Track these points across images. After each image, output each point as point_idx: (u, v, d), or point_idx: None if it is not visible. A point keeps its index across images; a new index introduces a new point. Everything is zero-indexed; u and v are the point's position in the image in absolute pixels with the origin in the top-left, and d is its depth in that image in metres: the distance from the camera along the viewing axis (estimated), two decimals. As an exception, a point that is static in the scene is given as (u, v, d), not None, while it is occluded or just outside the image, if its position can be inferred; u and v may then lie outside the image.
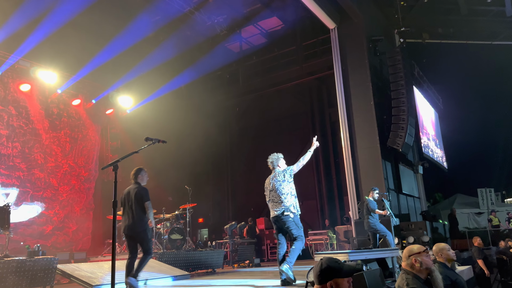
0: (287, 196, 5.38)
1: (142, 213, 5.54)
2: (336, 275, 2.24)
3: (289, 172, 5.62)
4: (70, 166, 12.67)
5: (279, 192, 5.42)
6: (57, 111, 12.55)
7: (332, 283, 2.23)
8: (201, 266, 9.58)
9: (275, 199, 5.45)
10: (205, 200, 16.52)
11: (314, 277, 2.35)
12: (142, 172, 5.87)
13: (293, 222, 5.29)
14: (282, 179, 5.53)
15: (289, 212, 5.30)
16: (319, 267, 2.30)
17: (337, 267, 2.27)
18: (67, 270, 6.89)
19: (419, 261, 3.32)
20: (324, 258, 2.35)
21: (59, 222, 11.95)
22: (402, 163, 13.64)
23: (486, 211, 17.16)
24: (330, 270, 2.25)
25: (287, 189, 5.44)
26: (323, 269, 2.27)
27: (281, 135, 17.34)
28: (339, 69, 12.24)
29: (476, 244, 10.47)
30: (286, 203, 5.33)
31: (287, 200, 5.35)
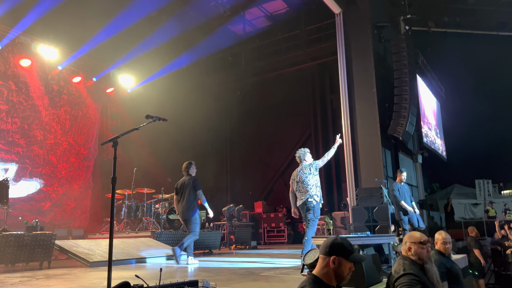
0: (312, 186, 6.13)
1: (193, 201, 6.73)
2: (344, 255, 2.25)
3: (315, 166, 6.36)
4: (70, 143, 12.64)
5: (306, 184, 6.15)
6: (57, 88, 12.46)
7: (336, 259, 2.23)
8: (198, 247, 9.65)
9: (302, 189, 6.20)
10: (204, 182, 16.53)
11: (324, 246, 2.33)
12: (192, 166, 7.07)
13: (313, 208, 6.03)
14: (309, 172, 6.26)
15: (313, 199, 6.05)
16: (334, 240, 2.31)
17: (349, 248, 2.28)
18: (65, 246, 6.94)
19: (413, 249, 3.32)
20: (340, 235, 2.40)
21: (57, 199, 11.99)
22: (401, 151, 13.64)
23: (482, 202, 17.24)
24: (342, 247, 2.26)
25: (313, 181, 6.19)
26: (336, 243, 2.28)
27: (281, 120, 17.28)
28: (343, 55, 12.11)
29: (473, 234, 10.54)
30: (311, 192, 6.08)
31: (312, 190, 6.10)
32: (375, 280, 3.80)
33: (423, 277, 3.25)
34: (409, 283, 3.13)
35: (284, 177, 16.98)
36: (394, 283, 3.24)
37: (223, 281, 4.20)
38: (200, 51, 15.27)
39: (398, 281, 3.21)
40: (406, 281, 3.16)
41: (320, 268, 2.29)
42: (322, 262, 2.28)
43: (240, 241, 12.27)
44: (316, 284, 2.23)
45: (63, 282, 4.68)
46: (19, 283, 4.64)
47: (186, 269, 5.72)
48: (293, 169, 6.31)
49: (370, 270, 3.70)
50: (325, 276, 2.25)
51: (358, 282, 3.55)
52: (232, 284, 3.82)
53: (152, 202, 10.41)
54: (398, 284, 3.19)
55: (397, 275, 3.25)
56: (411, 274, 3.19)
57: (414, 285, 3.12)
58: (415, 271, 3.23)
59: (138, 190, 10.49)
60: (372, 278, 3.72)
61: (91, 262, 6.39)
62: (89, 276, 5.27)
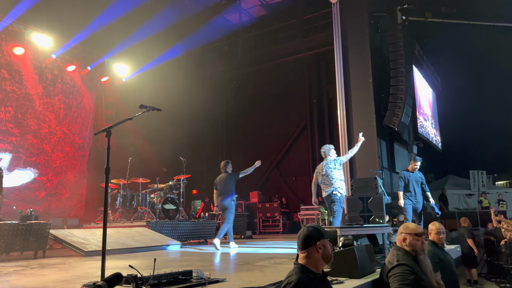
0: (336, 180, 6.71)
1: (230, 194, 7.86)
2: (323, 237, 2.45)
3: (339, 161, 6.94)
4: (64, 133, 12.56)
5: (330, 177, 6.72)
6: (51, 76, 12.33)
7: (320, 244, 2.42)
8: (193, 236, 9.69)
9: (327, 182, 6.79)
10: (199, 172, 16.55)
11: (301, 241, 2.47)
12: (229, 164, 8.39)
13: (338, 200, 6.63)
14: (333, 166, 6.82)
15: (337, 192, 6.64)
16: (306, 231, 2.48)
17: (322, 229, 2.49)
18: (60, 236, 6.93)
19: (408, 240, 3.35)
20: (306, 225, 2.55)
21: (52, 188, 11.94)
22: (397, 142, 13.69)
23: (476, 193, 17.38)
24: (318, 232, 2.46)
25: (337, 175, 6.76)
26: (311, 231, 2.46)
27: (277, 110, 17.25)
28: (339, 45, 12.05)
29: (465, 224, 10.63)
30: (336, 185, 6.66)
31: (336, 183, 6.68)
32: (369, 270, 3.82)
33: (417, 268, 3.27)
34: (402, 273, 3.16)
35: (279, 167, 17.01)
36: (388, 273, 3.27)
37: (217, 270, 4.21)
38: (196, 40, 15.16)
39: (391, 271, 3.24)
40: (399, 271, 3.18)
41: (306, 259, 2.43)
42: (308, 254, 2.43)
43: (235, 230, 12.27)
44: (303, 273, 2.36)
45: (57, 271, 4.68)
46: (14, 272, 4.63)
47: (182, 259, 5.73)
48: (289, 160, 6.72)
49: (363, 260, 3.72)
50: (311, 264, 2.41)
51: (351, 272, 3.57)
52: (226, 274, 3.83)
53: (147, 191, 10.40)
54: (391, 275, 3.22)
55: (390, 266, 3.27)
56: (404, 265, 3.22)
57: (407, 275, 3.15)
58: (408, 261, 3.26)
59: (133, 180, 10.47)
60: (366, 268, 3.74)
61: (86, 252, 6.39)
62: (84, 265, 5.27)
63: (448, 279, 3.99)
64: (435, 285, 3.43)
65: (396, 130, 12.06)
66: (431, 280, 3.36)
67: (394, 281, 3.16)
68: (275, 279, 3.23)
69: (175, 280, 3.23)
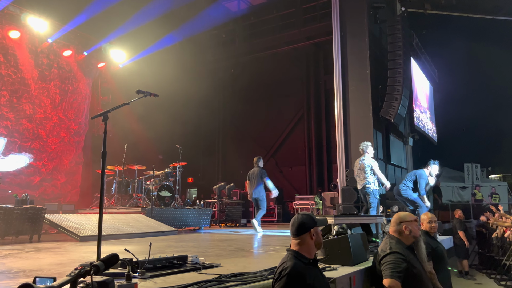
0: (369, 175, 7.38)
1: (260, 186, 8.85)
2: (316, 224, 2.53)
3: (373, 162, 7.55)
4: (60, 118, 12.50)
5: (365, 172, 7.40)
6: (47, 61, 12.22)
7: (313, 231, 2.50)
8: (188, 224, 9.74)
9: (361, 176, 7.49)
10: (195, 160, 16.57)
11: (295, 228, 2.53)
12: (260, 160, 9.22)
13: (371, 193, 7.31)
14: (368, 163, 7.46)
15: (370, 185, 7.33)
16: (300, 218, 2.54)
17: (314, 217, 2.56)
18: (55, 220, 6.94)
19: (409, 228, 3.42)
20: (300, 213, 2.61)
21: (47, 173, 11.92)
22: (393, 133, 13.73)
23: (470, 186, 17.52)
24: (311, 219, 2.53)
25: (369, 172, 7.41)
26: (306, 218, 2.52)
27: (274, 99, 17.22)
28: (338, 35, 12.00)
29: (457, 216, 10.74)
30: (368, 179, 7.36)
31: (369, 178, 7.37)
32: (362, 258, 3.87)
33: (409, 256, 3.32)
34: (394, 261, 3.21)
35: (275, 157, 17.05)
36: (380, 261, 3.32)
37: (212, 256, 4.24)
38: (193, 27, 15.04)
39: (384, 259, 3.28)
40: (392, 259, 3.23)
41: (299, 246, 2.49)
42: (301, 240, 2.50)
43: (230, 219, 12.38)
44: (297, 259, 2.41)
45: (53, 255, 4.70)
46: (9, 255, 4.65)
47: (177, 245, 5.77)
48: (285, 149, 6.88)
49: (357, 249, 3.77)
50: (305, 250, 2.47)
51: (344, 259, 3.62)
52: (221, 260, 3.86)
53: (143, 178, 10.40)
54: (384, 262, 3.27)
55: (383, 254, 3.32)
56: (397, 253, 3.27)
57: (399, 263, 3.20)
58: (401, 250, 3.31)
59: (129, 167, 10.46)
60: (359, 256, 3.79)
61: (81, 237, 6.41)
62: (79, 249, 5.30)
63: (439, 268, 4.05)
64: (427, 273, 3.50)
65: (392, 121, 12.09)
66: (424, 267, 3.42)
67: (386, 268, 3.21)
68: (269, 265, 3.27)
69: (170, 264, 3.26)
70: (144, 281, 2.74)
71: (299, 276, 2.30)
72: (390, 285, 3.10)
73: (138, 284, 2.42)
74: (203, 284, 2.54)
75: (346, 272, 3.32)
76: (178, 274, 3.04)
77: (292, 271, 2.31)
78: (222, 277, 2.78)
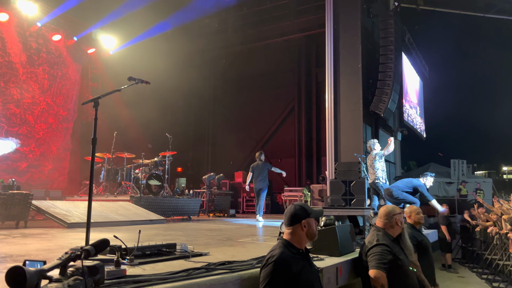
0: (378, 170, 7.90)
1: (265, 178, 9.77)
2: (309, 216, 2.53)
3: (380, 154, 8.03)
4: (48, 104, 12.34)
5: (374, 168, 7.89)
6: (36, 45, 12.03)
7: (305, 222, 2.51)
8: (177, 213, 9.73)
9: (371, 171, 7.96)
10: (185, 149, 16.52)
11: (287, 218, 2.55)
12: (262, 154, 10.13)
13: (381, 187, 7.79)
14: (376, 159, 7.96)
15: (379, 180, 7.84)
16: (293, 209, 2.56)
17: (308, 208, 2.57)
18: (42, 207, 6.89)
19: (400, 220, 3.50)
20: (294, 203, 2.62)
21: (34, 159, 11.79)
22: (382, 128, 13.83)
23: (456, 181, 17.78)
24: (303, 211, 2.54)
25: (378, 165, 7.94)
26: (299, 209, 2.54)
27: (265, 91, 17.21)
28: (331, 28, 11.98)
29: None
30: (378, 175, 7.86)
31: (379, 173, 7.87)
32: (349, 249, 3.92)
33: (395, 248, 3.39)
34: (381, 253, 3.27)
35: (265, 148, 17.08)
36: (367, 252, 3.37)
37: (201, 245, 4.26)
38: (186, 15, 14.87)
39: (371, 251, 3.34)
40: (378, 251, 3.29)
41: (290, 235, 2.51)
42: (293, 231, 2.52)
43: (219, 209, 12.41)
44: (287, 248, 2.44)
45: (40, 241, 4.68)
46: (-5, 240, 4.62)
47: (166, 234, 5.78)
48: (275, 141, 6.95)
49: (344, 240, 3.82)
50: (295, 240, 2.50)
51: (332, 250, 3.66)
52: (210, 248, 3.88)
53: (132, 167, 10.35)
54: (370, 254, 3.32)
55: (370, 245, 3.38)
56: (383, 245, 3.32)
57: (385, 255, 3.26)
58: (387, 242, 3.37)
59: (118, 154, 10.40)
60: (346, 247, 3.84)
61: (69, 223, 6.38)
62: (67, 236, 5.27)
63: (424, 261, 4.13)
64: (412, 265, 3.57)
65: (382, 116, 12.18)
66: (409, 258, 3.49)
67: (372, 259, 3.26)
68: (257, 254, 3.30)
69: (159, 252, 3.26)
70: (133, 268, 2.74)
71: (285, 265, 2.33)
72: (376, 276, 3.16)
73: (127, 270, 2.42)
74: (192, 272, 2.56)
75: (333, 263, 3.37)
76: (167, 262, 3.06)
77: (278, 259, 2.34)
78: (211, 265, 2.80)
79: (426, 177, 7.73)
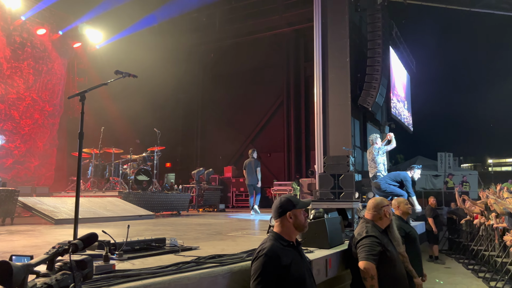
0: (379, 164, 8.16)
1: (256, 174, 10.23)
2: (295, 207, 2.52)
3: (383, 149, 8.37)
4: (34, 99, 12.15)
5: (375, 162, 8.14)
6: (20, 39, 11.81)
7: (291, 213, 2.51)
8: (166, 208, 9.70)
9: (372, 165, 8.25)
10: (174, 144, 16.44)
11: (274, 211, 2.57)
12: (255, 151, 10.58)
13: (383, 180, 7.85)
14: (378, 153, 8.21)
15: (380, 173, 8.03)
16: (279, 201, 2.57)
17: (294, 200, 2.56)
18: (29, 203, 6.80)
19: (388, 212, 3.53)
20: (282, 195, 2.64)
21: (20, 156, 11.62)
22: (370, 122, 13.92)
23: (443, 174, 18.02)
24: (289, 203, 2.54)
25: (380, 160, 8.21)
26: (284, 201, 2.55)
27: (254, 85, 17.17)
28: (319, 22, 11.97)
29: (430, 203, 11.07)
30: (379, 168, 8.10)
31: (380, 167, 8.13)
32: (338, 241, 3.95)
33: (384, 240, 3.42)
34: (370, 244, 3.30)
35: (254, 143, 17.08)
36: (357, 244, 3.40)
37: (190, 239, 4.26)
38: (173, 9, 14.73)
39: (360, 243, 3.37)
40: (368, 242, 3.32)
41: (280, 228, 2.53)
42: (281, 223, 2.53)
43: (208, 203, 12.39)
44: (277, 241, 2.45)
45: (27, 237, 4.62)
46: (-19, 238, 4.55)
47: (155, 229, 5.76)
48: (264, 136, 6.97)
49: (333, 232, 3.84)
50: (285, 232, 2.50)
51: (321, 243, 3.69)
52: (200, 242, 3.88)
53: (120, 162, 10.27)
54: (360, 245, 3.35)
55: (359, 237, 3.41)
56: (373, 237, 3.36)
57: (375, 246, 3.29)
58: (376, 233, 3.40)
59: (106, 150, 10.30)
60: (335, 240, 3.87)
61: (56, 220, 6.31)
62: (54, 232, 5.21)
63: (412, 252, 4.18)
64: (400, 256, 3.61)
65: (370, 110, 12.25)
66: (398, 250, 3.54)
67: (362, 251, 3.29)
68: (247, 248, 3.30)
69: (148, 246, 3.25)
70: (122, 263, 2.73)
71: (275, 257, 2.34)
72: (365, 267, 3.19)
73: (116, 265, 2.41)
74: (181, 266, 2.55)
75: (323, 255, 3.39)
76: (156, 256, 3.04)
77: (268, 251, 2.35)
78: (200, 259, 2.79)
79: (413, 170, 7.79)
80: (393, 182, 7.77)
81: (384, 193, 7.74)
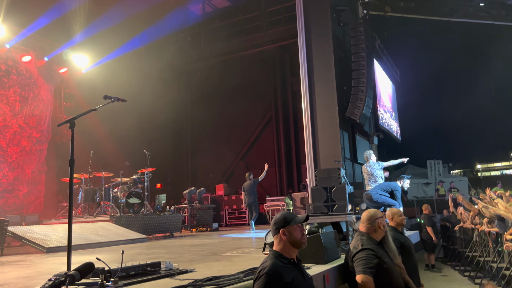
0: (379, 178, 8.50)
1: (254, 195, 11.20)
2: (288, 224, 2.51)
3: (381, 165, 8.69)
4: (21, 126, 12.03)
5: (376, 176, 8.50)
6: (5, 67, 11.75)
7: (285, 230, 2.50)
8: (159, 230, 9.59)
9: (372, 179, 8.54)
10: (164, 165, 16.34)
11: (271, 227, 2.58)
12: (251, 174, 11.58)
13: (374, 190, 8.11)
14: (377, 167, 8.59)
15: None
16: (274, 218, 2.58)
17: (289, 216, 2.55)
18: (19, 232, 6.68)
19: (383, 224, 3.54)
20: (280, 212, 2.69)
21: (8, 184, 11.44)
22: (358, 133, 14.03)
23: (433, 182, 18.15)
24: (283, 219, 2.53)
25: (379, 174, 8.56)
26: (278, 219, 2.55)
27: (242, 102, 17.25)
28: (303, 38, 12.16)
29: (427, 212, 11.07)
30: (379, 182, 8.33)
31: (380, 181, 8.41)
32: (334, 255, 3.95)
33: (380, 252, 3.42)
34: (366, 257, 3.30)
35: (245, 160, 17.07)
36: (353, 257, 3.40)
37: (185, 261, 4.21)
38: (158, 30, 14.84)
39: (356, 256, 3.37)
40: (364, 255, 3.32)
41: (278, 245, 2.53)
42: (277, 240, 2.54)
43: (201, 223, 12.28)
44: (278, 259, 2.44)
45: (18, 268, 4.52)
46: (-30, 271, 4.43)
47: (149, 252, 5.68)
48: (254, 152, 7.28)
49: (329, 247, 3.84)
50: (283, 250, 2.49)
51: (318, 258, 3.68)
52: (195, 264, 3.84)
53: (111, 186, 10.16)
54: (356, 259, 3.35)
55: (355, 250, 3.41)
56: (368, 249, 3.36)
57: (371, 259, 3.29)
58: (372, 246, 3.40)
59: (95, 174, 10.20)
60: (331, 254, 3.87)
61: (48, 248, 6.20)
62: (46, 261, 5.12)
63: (408, 262, 4.18)
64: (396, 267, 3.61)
65: (358, 121, 12.37)
66: (394, 261, 3.54)
67: (358, 264, 3.29)
68: (243, 268, 3.28)
69: (144, 272, 3.21)
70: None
71: (277, 276, 2.33)
72: (363, 281, 3.18)
73: (112, 293, 2.37)
74: (179, 290, 2.52)
75: (320, 270, 3.38)
76: (152, 281, 3.01)
77: (270, 270, 2.34)
78: (197, 282, 2.76)
79: (403, 180, 7.82)
80: (384, 192, 7.81)
81: (376, 203, 7.76)
